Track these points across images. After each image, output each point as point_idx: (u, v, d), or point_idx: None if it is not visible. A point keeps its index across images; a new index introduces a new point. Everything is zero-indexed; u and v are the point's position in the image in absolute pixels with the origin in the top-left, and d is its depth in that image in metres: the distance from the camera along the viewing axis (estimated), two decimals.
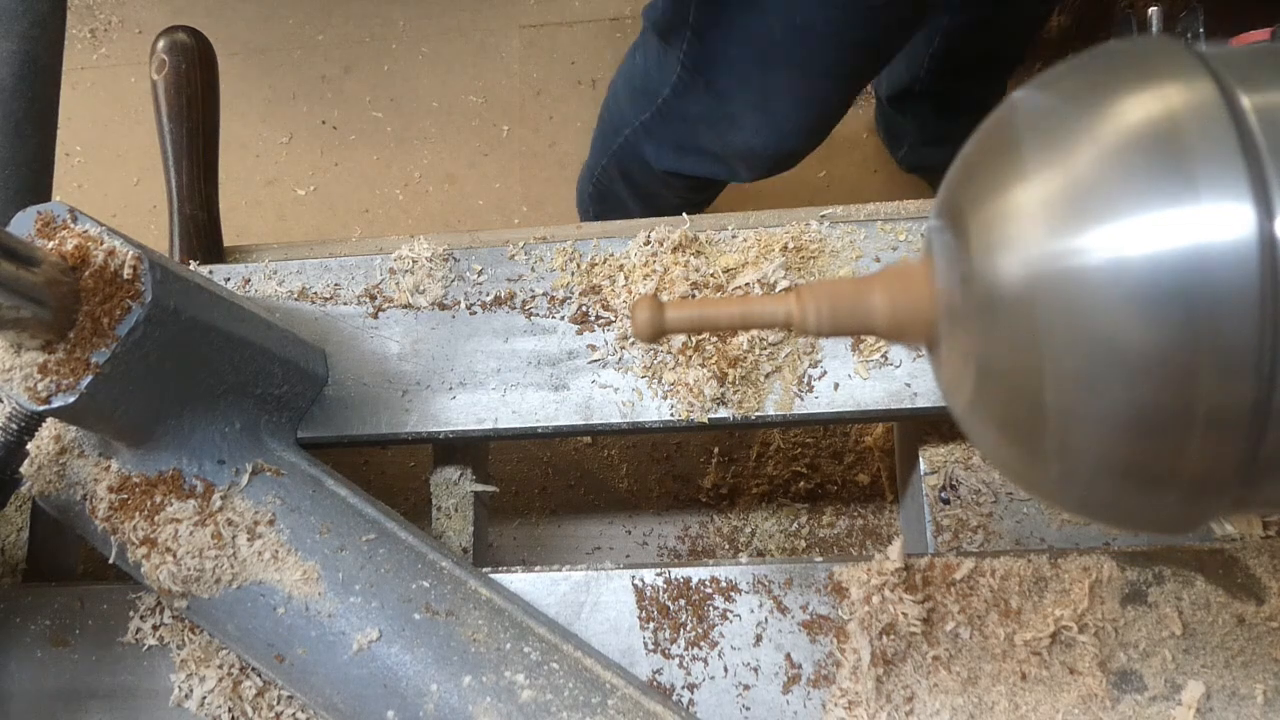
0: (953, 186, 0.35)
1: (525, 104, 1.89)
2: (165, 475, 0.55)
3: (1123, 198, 0.29)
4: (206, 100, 0.79)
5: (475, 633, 0.55)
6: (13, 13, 0.60)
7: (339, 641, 0.54)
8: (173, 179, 0.78)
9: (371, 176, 1.89)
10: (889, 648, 0.55)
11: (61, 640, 0.62)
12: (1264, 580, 0.55)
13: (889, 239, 0.64)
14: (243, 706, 0.60)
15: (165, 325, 0.51)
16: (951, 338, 0.35)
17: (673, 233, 0.64)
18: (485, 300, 0.66)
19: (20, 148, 0.61)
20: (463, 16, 1.94)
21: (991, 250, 0.32)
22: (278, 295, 0.68)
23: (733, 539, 0.81)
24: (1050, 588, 0.55)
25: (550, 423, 0.62)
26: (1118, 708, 0.53)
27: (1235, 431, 0.29)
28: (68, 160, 1.96)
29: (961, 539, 0.61)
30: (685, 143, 1.11)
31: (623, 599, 0.59)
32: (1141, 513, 0.33)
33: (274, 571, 0.55)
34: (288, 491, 0.57)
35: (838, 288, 0.37)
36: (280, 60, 1.98)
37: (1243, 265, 0.27)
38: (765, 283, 0.62)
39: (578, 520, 0.84)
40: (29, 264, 0.45)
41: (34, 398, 0.48)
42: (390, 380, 0.64)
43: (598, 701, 0.53)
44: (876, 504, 0.81)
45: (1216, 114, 0.29)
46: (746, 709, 0.56)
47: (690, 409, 0.61)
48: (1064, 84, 0.33)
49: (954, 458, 0.63)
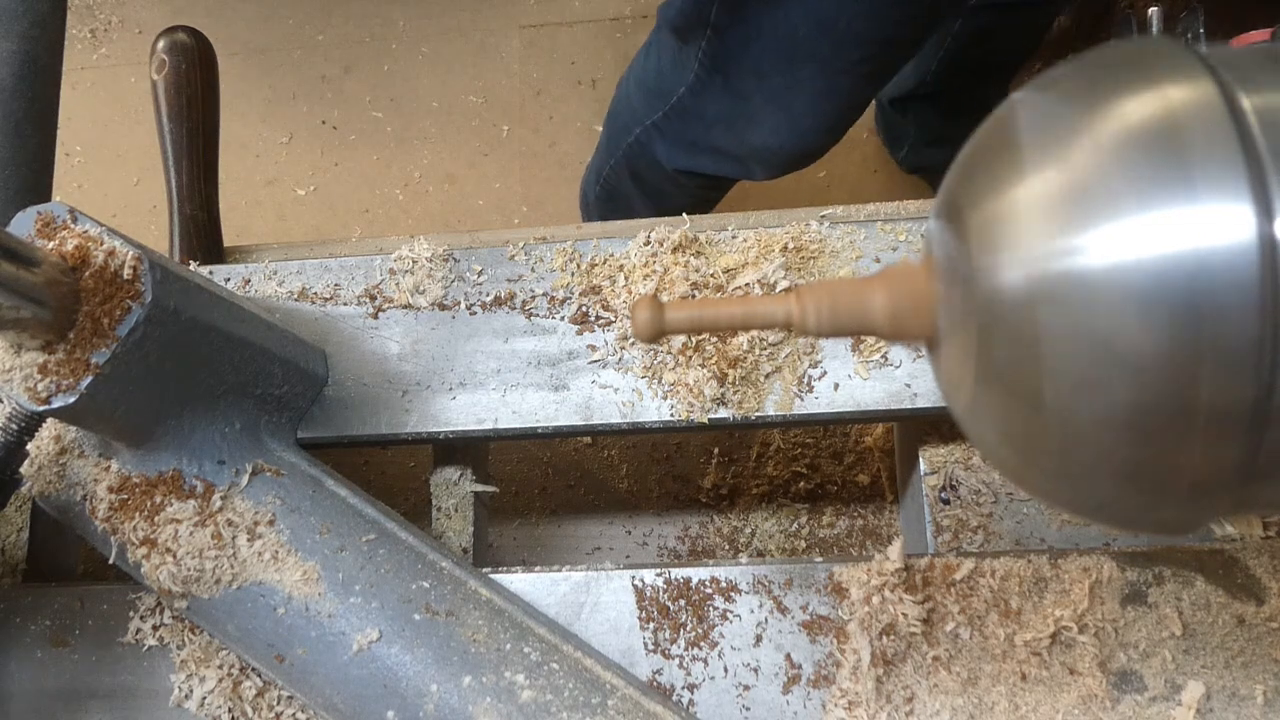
0: (953, 187, 0.35)
1: (525, 104, 1.89)
2: (165, 475, 0.55)
3: (1123, 198, 0.29)
4: (206, 100, 0.79)
5: (475, 633, 0.55)
6: (13, 13, 0.60)
7: (339, 642, 0.54)
8: (173, 179, 0.78)
9: (371, 176, 1.89)
10: (889, 648, 0.55)
11: (61, 640, 0.62)
12: (1264, 580, 0.55)
13: (889, 239, 0.64)
14: (243, 707, 0.60)
15: (165, 325, 0.51)
16: (951, 338, 0.35)
17: (673, 233, 0.64)
18: (485, 300, 0.66)
19: (20, 148, 0.61)
20: (463, 16, 1.94)
21: (992, 250, 0.32)
22: (278, 295, 0.68)
23: (733, 539, 0.81)
24: (1050, 588, 0.55)
25: (550, 423, 0.62)
26: (1118, 708, 0.53)
27: (1235, 432, 0.29)
28: (68, 160, 1.96)
29: (961, 539, 0.61)
30: (700, 142, 1.11)
31: (623, 599, 0.59)
32: (1142, 513, 0.33)
33: (274, 572, 0.55)
34: (288, 492, 0.57)
35: (838, 288, 0.37)
36: (280, 60, 1.98)
37: (1243, 266, 0.27)
38: (765, 283, 0.62)
39: (578, 520, 0.84)
40: (29, 264, 0.45)
41: (34, 398, 0.48)
42: (390, 380, 0.64)
43: (598, 702, 0.53)
44: (876, 504, 0.81)
45: (1216, 115, 0.29)
46: (746, 709, 0.56)
47: (690, 409, 0.61)
48: (1064, 84, 0.33)
49: (954, 458, 0.63)
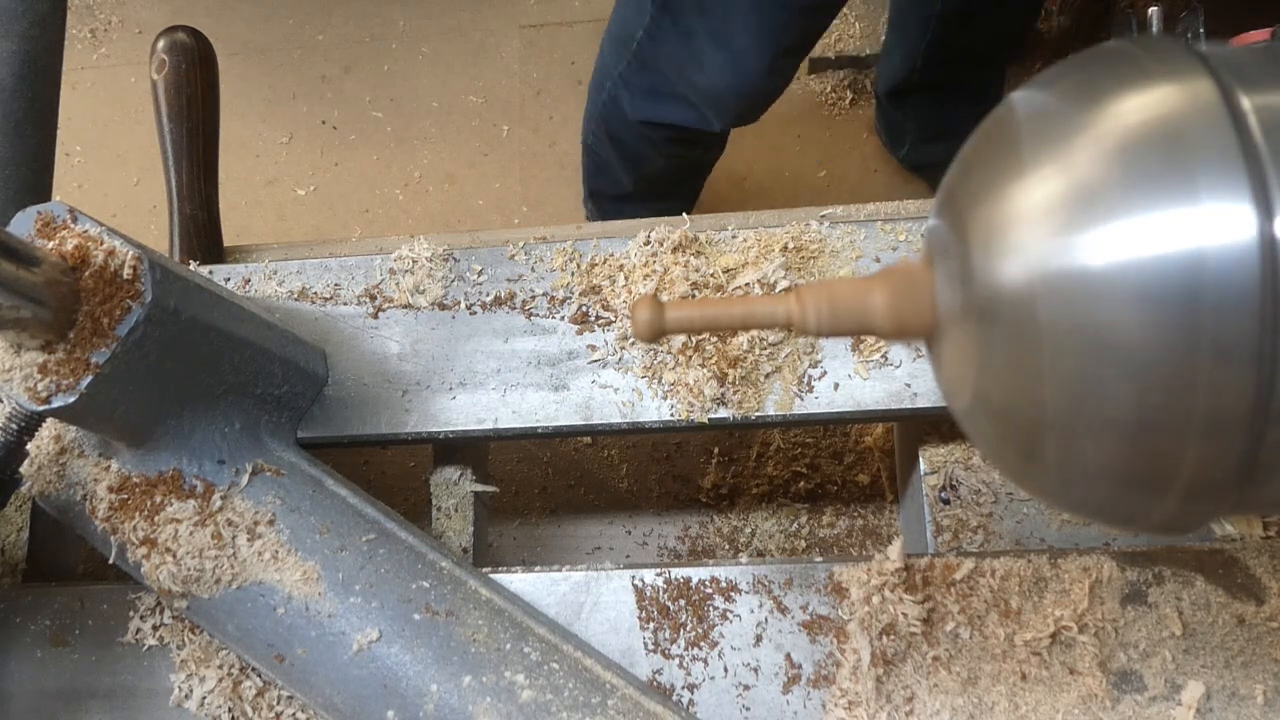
0: (952, 186, 0.35)
1: (525, 104, 1.89)
2: (165, 475, 0.55)
3: (1123, 198, 0.29)
4: (206, 100, 0.79)
5: (475, 633, 0.55)
6: (13, 13, 0.60)
7: (339, 641, 0.54)
8: (173, 179, 0.78)
9: (371, 176, 1.89)
10: (889, 648, 0.55)
11: (61, 640, 0.62)
12: (1264, 580, 0.55)
13: (889, 239, 0.64)
14: (243, 706, 0.60)
15: (165, 325, 0.51)
16: (952, 338, 0.35)
17: (673, 233, 0.64)
18: (485, 300, 0.66)
19: (20, 148, 0.61)
20: (463, 16, 1.94)
21: (991, 250, 0.32)
22: (278, 295, 0.68)
23: (733, 539, 0.81)
24: (1050, 588, 0.55)
25: (550, 423, 0.62)
26: (1118, 708, 0.53)
27: (1235, 432, 0.29)
28: (68, 160, 1.96)
29: (961, 539, 0.61)
30: (659, 88, 1.15)
31: (623, 599, 0.59)
32: (1142, 513, 0.33)
33: (274, 571, 0.55)
34: (288, 491, 0.57)
35: (838, 288, 0.37)
36: (280, 60, 1.98)
37: (1243, 266, 0.27)
38: (765, 283, 0.62)
39: (578, 520, 0.84)
40: (29, 264, 0.45)
41: (34, 398, 0.48)
42: (390, 380, 0.64)
43: (598, 702, 0.53)
44: (876, 504, 0.81)
45: (1216, 114, 0.29)
46: (746, 709, 0.56)
47: (690, 409, 0.61)
48: (1064, 84, 0.33)
49: (954, 458, 0.63)
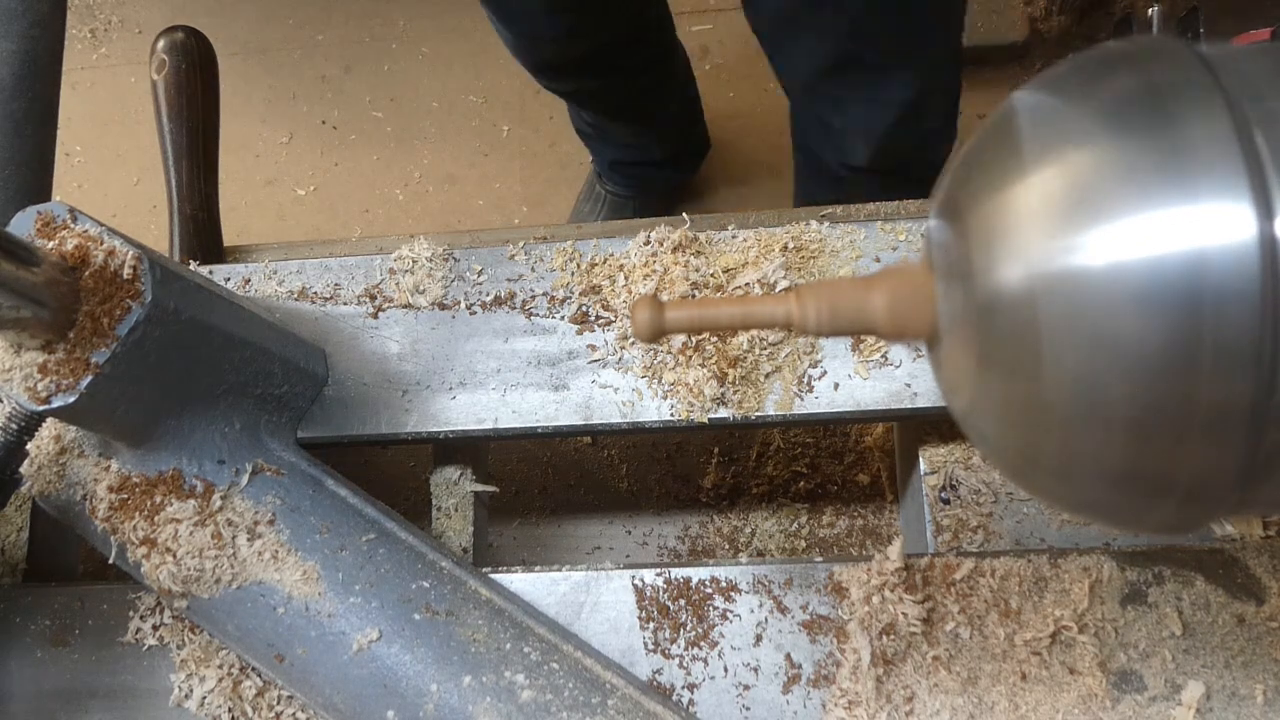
0: (952, 186, 0.35)
1: (525, 104, 1.88)
2: (165, 475, 0.55)
3: (1123, 197, 0.29)
4: (206, 100, 0.79)
5: (475, 633, 0.55)
6: (13, 13, 0.60)
7: (339, 641, 0.54)
8: (173, 179, 0.78)
9: (371, 176, 1.89)
10: (889, 648, 0.55)
11: (61, 640, 0.62)
12: (1264, 580, 0.55)
13: (889, 239, 0.64)
14: (243, 706, 0.60)
15: (165, 325, 0.51)
16: (952, 337, 0.35)
17: (673, 233, 0.64)
18: (485, 300, 0.66)
19: (20, 148, 0.61)
20: (463, 16, 1.94)
21: (991, 249, 0.32)
22: (278, 295, 0.68)
23: (733, 539, 0.81)
24: (1050, 588, 0.55)
25: (550, 423, 0.62)
26: (1118, 708, 0.53)
27: (1235, 432, 0.29)
28: (68, 160, 1.96)
29: (961, 539, 0.61)
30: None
31: (623, 599, 0.59)
32: (1141, 513, 0.33)
33: (274, 571, 0.55)
34: (288, 491, 0.57)
35: (837, 288, 0.37)
36: (280, 60, 1.98)
37: (1243, 266, 0.27)
38: (765, 283, 0.62)
39: (578, 520, 0.84)
40: (29, 264, 0.45)
41: (34, 398, 0.48)
42: (390, 380, 0.64)
43: (598, 702, 0.53)
44: (876, 504, 0.81)
45: (1216, 115, 0.29)
46: (746, 709, 0.56)
47: (690, 409, 0.61)
48: (1064, 84, 0.33)
49: (954, 458, 0.63)
